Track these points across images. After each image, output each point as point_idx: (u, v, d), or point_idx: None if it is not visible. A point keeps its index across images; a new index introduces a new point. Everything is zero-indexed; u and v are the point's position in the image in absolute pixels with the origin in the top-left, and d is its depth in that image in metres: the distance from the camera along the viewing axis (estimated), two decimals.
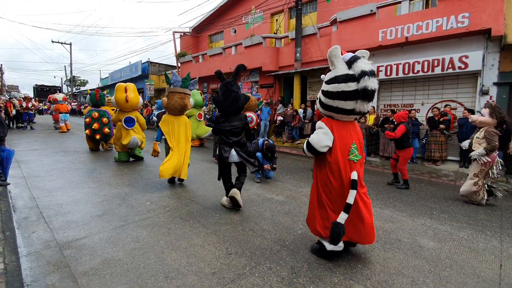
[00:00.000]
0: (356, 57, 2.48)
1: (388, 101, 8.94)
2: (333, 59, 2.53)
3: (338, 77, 2.48)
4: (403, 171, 5.44)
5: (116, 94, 6.90)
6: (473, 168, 4.59)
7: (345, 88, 2.43)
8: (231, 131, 3.95)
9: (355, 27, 8.76)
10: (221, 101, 3.92)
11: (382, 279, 2.45)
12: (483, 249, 3.05)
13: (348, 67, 2.47)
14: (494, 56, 6.99)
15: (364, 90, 2.36)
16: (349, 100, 2.46)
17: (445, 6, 7.17)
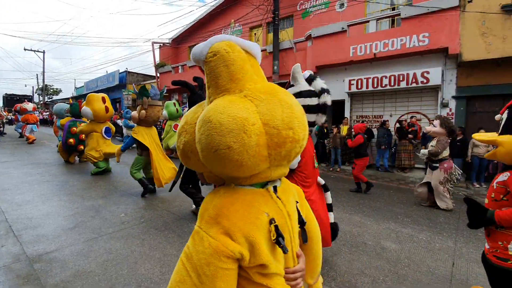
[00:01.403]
0: (314, 76, 2.77)
1: (360, 113, 9.44)
2: (296, 75, 2.72)
3: (303, 93, 2.67)
4: (359, 176, 5.84)
5: (93, 105, 6.73)
6: (436, 177, 4.94)
7: (309, 103, 2.64)
8: None
9: (329, 43, 9.28)
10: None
11: (346, 279, 2.63)
12: (439, 249, 3.33)
13: (308, 84, 2.71)
14: (452, 72, 7.67)
15: (324, 104, 2.64)
16: (312, 114, 2.66)
17: (408, 26, 7.81)
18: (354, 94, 9.30)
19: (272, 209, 0.90)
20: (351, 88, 8.91)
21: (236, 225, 0.82)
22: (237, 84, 0.89)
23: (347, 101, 9.44)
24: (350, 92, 9.12)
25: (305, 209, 1.11)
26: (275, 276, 0.88)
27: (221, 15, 15.23)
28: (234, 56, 0.90)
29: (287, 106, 0.88)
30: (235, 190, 0.90)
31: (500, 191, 1.75)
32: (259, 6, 11.69)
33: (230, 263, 0.80)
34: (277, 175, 0.94)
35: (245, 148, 0.79)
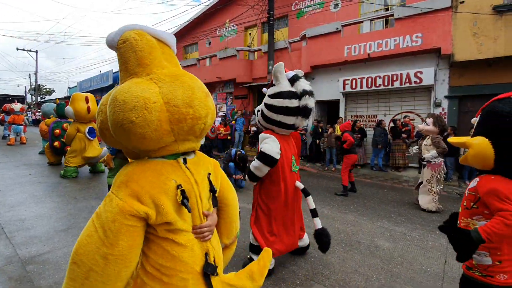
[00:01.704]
0: (298, 76, 2.65)
1: (354, 112, 9.50)
2: (278, 75, 2.62)
3: (282, 93, 2.57)
4: (344, 176, 5.71)
5: (75, 104, 6.51)
6: (425, 175, 5.00)
7: (289, 104, 2.54)
8: None
9: (323, 43, 9.32)
10: None
11: (340, 278, 2.65)
12: (431, 247, 3.37)
13: (291, 84, 2.60)
14: (444, 72, 7.77)
15: (304, 107, 2.53)
16: (291, 116, 2.57)
17: (401, 27, 7.89)
18: (349, 94, 9.36)
19: (180, 177, 1.07)
20: (345, 88, 8.97)
21: (144, 189, 0.97)
22: (144, 69, 1.03)
23: (342, 101, 9.50)
24: (345, 92, 9.18)
25: (219, 179, 1.29)
26: (181, 232, 1.05)
27: (215, 15, 15.19)
28: (143, 43, 1.03)
29: (188, 88, 1.04)
30: (146, 161, 1.07)
31: (470, 198, 1.62)
32: (254, 6, 11.69)
33: (134, 220, 0.95)
34: (185, 148, 1.12)
35: (147, 122, 0.94)
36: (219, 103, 13.93)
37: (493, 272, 1.51)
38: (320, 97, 10.01)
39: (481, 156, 1.57)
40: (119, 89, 0.98)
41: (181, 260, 1.04)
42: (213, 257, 1.14)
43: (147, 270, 1.02)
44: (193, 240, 1.09)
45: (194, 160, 1.18)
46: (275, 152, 2.55)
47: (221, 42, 15.09)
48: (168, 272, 1.02)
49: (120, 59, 1.05)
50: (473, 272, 1.58)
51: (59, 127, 7.70)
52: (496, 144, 1.53)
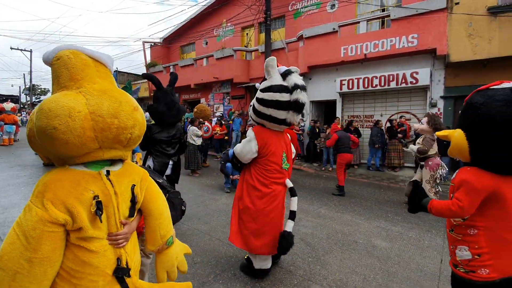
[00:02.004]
0: (290, 71, 2.59)
1: (351, 112, 9.54)
2: (269, 69, 2.58)
3: (273, 87, 2.52)
4: (339, 177, 5.77)
5: None
6: (424, 175, 5.04)
7: (279, 98, 2.49)
8: (169, 142, 3.71)
9: (320, 43, 9.34)
10: (164, 111, 3.61)
11: (338, 278, 2.65)
12: (428, 246, 3.39)
13: (282, 78, 2.55)
14: (440, 73, 7.82)
15: (296, 101, 2.46)
16: (281, 110, 2.51)
17: (398, 27, 7.93)
18: (346, 94, 9.39)
19: (99, 188, 1.14)
20: (342, 88, 8.99)
21: (59, 198, 1.05)
22: (75, 83, 1.14)
23: (339, 101, 9.52)
24: (342, 92, 9.20)
25: (144, 191, 1.36)
26: (93, 239, 1.12)
27: (212, 15, 15.16)
28: (76, 61, 1.15)
29: (116, 101, 1.15)
30: (66, 169, 1.14)
31: (451, 189, 1.64)
32: (251, 6, 11.69)
33: (54, 227, 1.03)
34: (110, 155, 1.19)
35: (69, 129, 1.03)
36: (216, 103, 13.90)
37: (474, 267, 1.48)
38: (317, 97, 10.03)
39: (457, 148, 1.59)
40: (47, 99, 1.08)
41: (91, 264, 1.12)
42: (125, 261, 1.22)
43: (58, 272, 1.10)
44: (106, 246, 1.16)
45: (119, 171, 1.26)
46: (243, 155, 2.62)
47: (218, 42, 15.06)
48: (78, 275, 1.11)
49: (53, 74, 1.15)
50: (458, 270, 1.56)
51: None
52: (472, 136, 1.52)
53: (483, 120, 1.47)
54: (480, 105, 1.51)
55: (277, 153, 2.62)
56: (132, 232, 1.29)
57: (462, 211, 1.47)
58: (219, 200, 5.12)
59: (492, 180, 1.45)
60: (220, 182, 6.38)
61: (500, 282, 1.42)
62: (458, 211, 1.48)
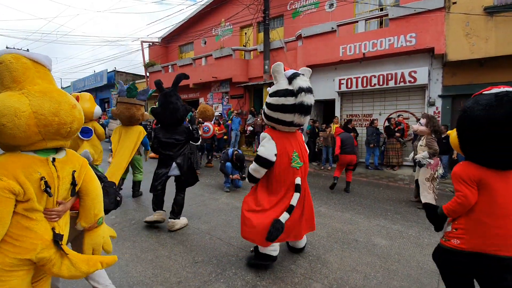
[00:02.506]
0: (296, 74, 2.67)
1: (350, 112, 9.56)
2: (276, 75, 2.71)
3: (279, 91, 2.65)
4: (336, 171, 5.95)
5: None
6: (422, 174, 5.06)
7: (285, 102, 2.60)
8: (173, 144, 3.72)
9: (319, 43, 9.35)
10: (160, 113, 3.70)
11: (338, 276, 2.66)
12: (427, 244, 3.41)
13: (288, 82, 2.64)
14: (438, 72, 7.86)
15: (300, 104, 2.55)
16: (287, 113, 2.62)
17: (396, 27, 7.96)
18: (344, 93, 9.42)
19: (46, 171, 1.41)
20: (341, 87, 9.01)
21: (13, 174, 1.30)
22: (18, 85, 1.35)
23: (337, 100, 9.55)
24: (340, 92, 9.22)
25: (83, 175, 1.63)
26: (35, 211, 1.39)
27: (211, 14, 15.14)
28: (17, 65, 1.35)
29: (55, 102, 1.40)
30: (19, 154, 1.39)
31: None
32: (249, 6, 11.69)
33: (10, 194, 1.27)
34: (52, 145, 1.46)
35: (16, 126, 1.28)
36: (215, 103, 13.88)
37: (450, 237, 1.83)
38: (316, 96, 9.90)
39: (453, 145, 1.93)
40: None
41: (31, 230, 1.37)
42: (58, 231, 1.49)
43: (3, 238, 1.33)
44: (44, 218, 1.44)
45: (63, 159, 1.53)
46: (271, 155, 2.66)
47: (216, 42, 15.04)
48: (20, 238, 1.34)
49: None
50: (441, 238, 1.92)
51: None
52: (461, 136, 1.83)
53: (467, 123, 1.74)
54: (467, 109, 1.75)
55: (287, 154, 2.72)
56: (65, 211, 1.56)
57: (467, 200, 1.71)
58: (219, 199, 5.12)
59: (478, 171, 1.71)
60: (219, 182, 6.38)
61: (468, 253, 1.72)
62: (464, 201, 1.72)
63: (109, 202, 2.01)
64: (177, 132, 3.75)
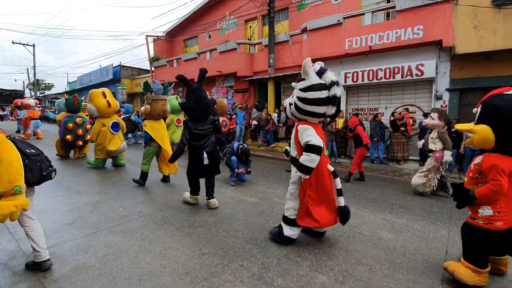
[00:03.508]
0: (324, 69, 2.95)
1: (355, 105, 9.49)
2: (307, 70, 2.94)
3: (314, 86, 2.87)
4: (353, 165, 6.16)
5: (95, 101, 6.75)
6: (427, 164, 5.11)
7: (320, 95, 2.85)
8: (203, 135, 4.09)
9: (324, 36, 9.25)
10: (193, 107, 4.02)
11: (344, 268, 2.68)
12: (433, 238, 3.41)
13: (319, 77, 2.91)
14: (445, 65, 7.73)
15: (334, 96, 2.85)
16: (322, 106, 2.90)
17: (403, 19, 7.82)
18: (350, 87, 9.34)
19: None
20: (346, 81, 8.94)
21: None
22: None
23: (343, 94, 9.46)
24: (346, 85, 9.14)
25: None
26: None
27: (215, 8, 15.03)
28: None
29: None
30: None
31: (476, 171, 2.27)
32: None
33: None
34: None
35: None
36: (220, 97, 13.88)
37: (493, 220, 2.20)
38: None
39: (484, 139, 2.19)
40: None
41: None
42: None
43: None
44: None
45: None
46: (321, 142, 2.85)
47: (221, 36, 14.96)
48: None
49: None
50: (477, 221, 2.29)
51: (71, 121, 7.75)
52: (498, 130, 2.13)
53: (507, 119, 2.10)
54: (503, 107, 2.12)
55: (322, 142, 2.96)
56: None
57: (501, 188, 2.11)
58: (224, 193, 5.17)
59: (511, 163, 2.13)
60: (225, 176, 6.41)
61: (508, 231, 2.18)
62: (499, 189, 2.11)
63: (31, 177, 2.40)
64: (206, 124, 4.10)
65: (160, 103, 5.44)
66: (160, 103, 5.45)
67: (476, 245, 2.28)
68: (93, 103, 6.77)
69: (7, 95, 35.11)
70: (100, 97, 6.80)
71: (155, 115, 5.44)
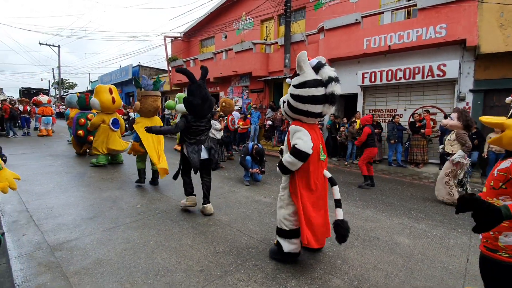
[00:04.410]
0: (322, 63, 2.60)
1: (373, 107, 9.28)
2: (301, 64, 2.59)
3: (308, 82, 2.54)
4: (362, 167, 5.85)
5: (100, 96, 6.79)
6: (445, 168, 4.91)
7: (315, 93, 2.52)
8: (201, 131, 4.00)
9: (342, 35, 9.10)
10: (199, 104, 3.84)
11: (359, 273, 2.64)
12: (453, 245, 3.29)
13: (315, 72, 2.56)
14: (469, 65, 7.42)
15: (331, 94, 2.51)
16: (318, 104, 2.55)
17: (425, 17, 7.57)
18: (367, 88, 9.14)
19: None
20: (364, 81, 8.75)
21: None
22: None
23: (360, 94, 9.29)
24: (363, 86, 8.96)
25: None
26: None
27: (232, 8, 15.13)
28: None
29: None
30: None
31: (500, 178, 1.59)
32: None
33: None
34: None
35: None
36: (235, 97, 13.96)
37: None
38: None
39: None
40: None
41: None
42: None
43: None
44: None
45: None
46: (309, 148, 2.54)
47: (237, 36, 15.04)
48: None
49: None
50: (500, 255, 1.57)
51: (83, 117, 8.08)
52: None
53: None
54: None
55: (316, 146, 2.68)
56: None
57: None
58: (238, 192, 5.20)
59: None
60: (239, 175, 6.46)
61: None
62: None
63: None
64: (204, 121, 4.02)
65: (150, 99, 5.21)
66: (150, 99, 5.21)
67: (502, 284, 1.64)
68: (97, 97, 6.80)
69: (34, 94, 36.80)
70: (106, 92, 6.85)
71: (145, 112, 5.25)
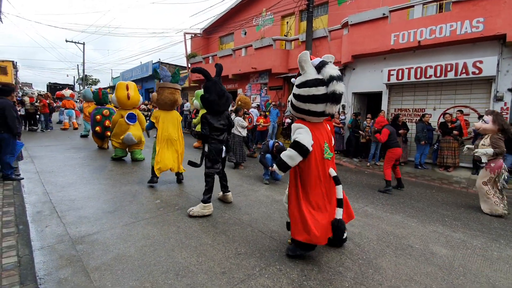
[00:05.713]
0: (324, 62, 2.57)
1: (399, 106, 8.84)
2: (303, 64, 2.61)
3: (308, 82, 2.56)
4: (386, 171, 5.43)
5: (117, 92, 6.93)
6: (481, 176, 4.50)
7: (316, 92, 2.52)
8: (221, 129, 3.92)
9: (367, 31, 8.71)
10: (215, 100, 3.79)
11: (394, 284, 2.41)
12: (498, 258, 2.98)
13: (317, 71, 2.55)
14: (509, 62, 6.85)
15: (333, 93, 2.46)
16: (319, 103, 2.55)
17: (460, 11, 7.06)
18: (393, 86, 8.70)
19: None
20: (390, 79, 8.33)
21: None
22: None
23: (385, 93, 8.86)
24: (389, 83, 8.53)
25: None
26: None
27: (252, 4, 14.94)
28: None
29: None
30: None
31: None
32: None
33: None
34: None
35: None
36: (253, 94, 13.81)
37: None
38: (360, 88, 9.45)
39: None
40: None
41: None
42: None
43: None
44: None
45: None
46: (308, 142, 2.58)
47: (257, 32, 14.85)
48: None
49: None
50: None
51: (99, 113, 8.21)
52: None
53: None
54: None
55: (320, 144, 2.70)
56: None
57: None
58: (258, 191, 5.05)
59: None
60: (258, 174, 6.31)
61: None
62: None
63: None
64: (222, 118, 3.95)
65: (167, 91, 5.00)
66: (167, 91, 5.00)
67: None
68: (116, 93, 6.96)
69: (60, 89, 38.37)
70: (123, 89, 6.92)
71: (162, 104, 5.06)
